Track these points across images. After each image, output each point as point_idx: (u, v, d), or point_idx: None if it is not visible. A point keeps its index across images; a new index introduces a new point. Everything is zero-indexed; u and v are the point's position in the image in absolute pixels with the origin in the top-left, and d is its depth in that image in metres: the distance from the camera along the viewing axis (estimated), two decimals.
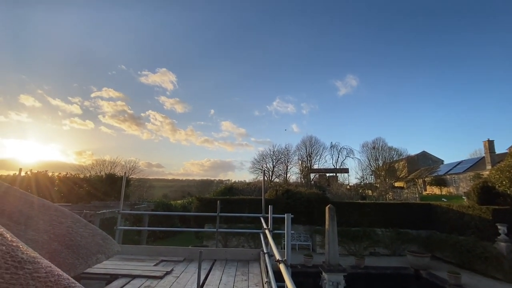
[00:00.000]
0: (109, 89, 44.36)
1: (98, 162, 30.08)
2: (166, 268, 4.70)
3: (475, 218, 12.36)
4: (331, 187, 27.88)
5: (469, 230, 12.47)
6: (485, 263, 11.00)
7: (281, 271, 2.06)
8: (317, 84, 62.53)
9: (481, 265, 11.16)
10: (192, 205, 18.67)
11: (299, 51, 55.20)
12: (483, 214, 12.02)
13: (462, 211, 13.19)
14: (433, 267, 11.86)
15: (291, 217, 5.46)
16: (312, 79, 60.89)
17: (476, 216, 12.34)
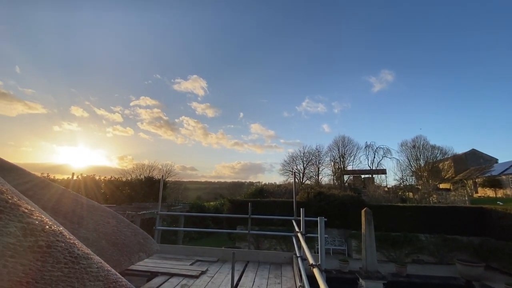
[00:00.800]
0: (146, 98, 47.71)
1: (138, 166, 32.28)
2: (201, 268, 4.86)
3: None
4: (367, 189, 26.52)
5: None
6: None
7: (315, 275, 2.01)
8: (349, 82, 60.02)
9: None
10: (224, 207, 19.10)
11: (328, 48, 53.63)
12: None
13: None
14: (488, 278, 10.62)
15: (324, 220, 5.29)
16: (343, 76, 58.66)
17: None
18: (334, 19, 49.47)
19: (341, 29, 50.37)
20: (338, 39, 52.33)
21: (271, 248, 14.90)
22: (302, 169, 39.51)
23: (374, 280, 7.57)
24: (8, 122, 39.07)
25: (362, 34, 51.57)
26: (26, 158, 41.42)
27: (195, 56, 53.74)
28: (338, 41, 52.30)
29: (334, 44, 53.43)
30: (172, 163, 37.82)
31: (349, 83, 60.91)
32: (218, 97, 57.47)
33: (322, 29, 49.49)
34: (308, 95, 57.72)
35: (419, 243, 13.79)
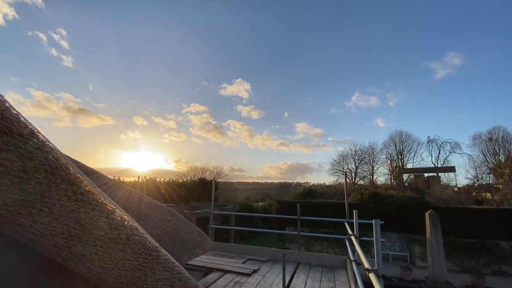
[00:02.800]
0: (196, 104, 51.15)
1: (192, 168, 34.74)
2: (253, 267, 5.00)
3: None
4: (432, 189, 23.69)
5: None
6: None
7: (372, 281, 1.90)
8: (406, 70, 54.19)
9: None
10: (272, 207, 19.22)
11: (380, 35, 49.55)
12: None
13: None
14: None
15: (380, 223, 4.96)
16: (398, 64, 53.30)
17: None
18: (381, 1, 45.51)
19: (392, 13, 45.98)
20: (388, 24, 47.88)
21: (322, 251, 14.43)
22: (354, 168, 37.29)
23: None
24: (86, 133, 46.30)
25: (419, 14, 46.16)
26: (101, 163, 48.45)
27: (238, 59, 55.56)
28: (389, 26, 47.89)
29: (384, 30, 49.11)
30: (222, 165, 39.71)
31: (406, 72, 54.97)
32: (262, 98, 58.33)
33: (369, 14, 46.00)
34: (358, 88, 54.17)
35: (501, 252, 11.73)
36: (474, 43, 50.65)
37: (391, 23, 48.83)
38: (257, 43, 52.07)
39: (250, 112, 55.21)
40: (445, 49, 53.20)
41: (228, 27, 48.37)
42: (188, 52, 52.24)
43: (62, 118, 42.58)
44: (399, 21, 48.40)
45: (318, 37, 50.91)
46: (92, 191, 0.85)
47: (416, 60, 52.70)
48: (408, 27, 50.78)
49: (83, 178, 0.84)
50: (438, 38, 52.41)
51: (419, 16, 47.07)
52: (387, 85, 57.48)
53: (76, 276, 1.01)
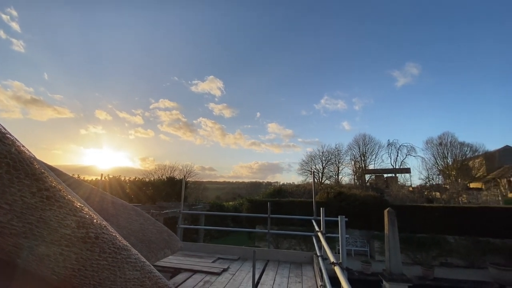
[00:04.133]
0: (165, 100, 49.18)
1: (160, 167, 33.40)
2: (222, 266, 4.99)
3: None
4: (390, 189, 25.61)
5: None
6: None
7: (337, 274, 2.02)
8: (371, 76, 57.96)
9: None
10: (243, 207, 19.29)
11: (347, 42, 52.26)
12: None
13: None
14: None
15: (345, 220, 5.26)
16: (364, 71, 56.77)
17: None
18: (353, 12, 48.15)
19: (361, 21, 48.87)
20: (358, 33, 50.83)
21: (290, 248, 14.85)
22: (321, 168, 38.90)
23: (398, 282, 7.32)
24: (40, 126, 42.07)
25: (385, 25, 49.73)
26: (57, 160, 44.36)
27: (211, 56, 54.66)
28: (358, 34, 50.82)
29: (353, 37, 51.99)
30: (192, 164, 38.73)
31: (371, 78, 58.76)
32: (234, 97, 58.03)
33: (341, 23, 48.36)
34: (327, 92, 56.57)
35: (447, 246, 13.12)
36: (430, 55, 55.85)
37: (359, 30, 51.83)
38: (231, 41, 51.69)
39: (222, 111, 54.61)
40: (405, 59, 57.84)
41: (201, 23, 47.37)
42: (158, 44, 49.99)
43: (10, 109, 38.16)
44: (367, 29, 51.58)
45: (291, 39, 52.15)
46: (58, 188, 0.80)
47: (380, 68, 56.58)
48: (374, 36, 54.33)
49: (48, 173, 0.79)
50: (399, 49, 56.83)
51: (384, 26, 50.64)
52: (353, 90, 60.90)
53: (36, 278, 0.94)
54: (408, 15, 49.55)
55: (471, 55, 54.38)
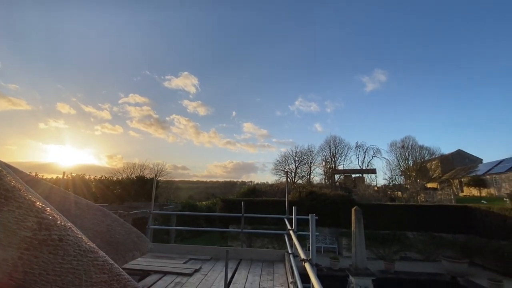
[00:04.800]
0: (135, 95, 46.91)
1: (129, 165, 31.85)
2: (194, 266, 4.91)
3: None
4: (358, 188, 27.00)
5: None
6: None
7: (307, 270, 2.11)
8: (342, 81, 60.74)
9: None
10: (217, 206, 19.11)
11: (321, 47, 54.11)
12: None
13: (505, 214, 12.15)
14: (472, 274, 11.04)
15: (315, 218, 5.44)
16: (336, 75, 59.31)
17: None
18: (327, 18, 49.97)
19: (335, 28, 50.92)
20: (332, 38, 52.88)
21: (263, 247, 15.02)
22: (294, 168, 39.87)
23: (363, 276, 7.77)
24: None
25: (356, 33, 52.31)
26: (11, 156, 40.29)
27: (186, 52, 53.27)
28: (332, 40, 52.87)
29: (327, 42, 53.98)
30: (164, 162, 37.53)
31: (342, 82, 61.62)
32: (210, 95, 57.18)
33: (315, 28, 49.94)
34: (301, 94, 58.11)
35: (407, 241, 14.17)
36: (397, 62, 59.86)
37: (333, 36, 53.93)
38: (208, 38, 50.80)
39: (197, 108, 53.49)
40: (374, 65, 61.43)
41: (176, 16, 45.92)
42: (128, 35, 47.45)
43: None
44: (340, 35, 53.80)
45: (268, 41, 52.67)
46: (17, 187, 0.75)
47: (351, 73, 59.42)
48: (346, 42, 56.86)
49: (7, 172, 0.73)
50: (369, 55, 60.16)
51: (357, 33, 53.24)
52: (326, 93, 63.25)
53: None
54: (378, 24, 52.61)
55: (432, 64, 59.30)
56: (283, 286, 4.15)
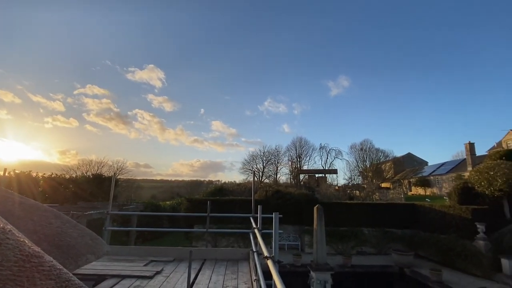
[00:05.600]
0: (93, 86, 43.29)
1: (84, 162, 29.35)
2: (156, 268, 4.72)
3: (455, 218, 12.91)
4: (320, 187, 28.30)
5: (450, 229, 12.99)
6: (465, 260, 11.50)
7: (269, 266, 2.16)
8: (309, 84, 63.38)
9: (461, 262, 11.65)
10: (182, 206, 18.56)
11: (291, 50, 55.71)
12: (463, 213, 12.57)
13: (444, 210, 13.74)
14: (416, 265, 12.29)
15: (279, 216, 5.58)
16: (304, 78, 61.64)
17: (456, 215, 12.89)
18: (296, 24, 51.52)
19: (304, 34, 52.70)
20: (301, 43, 54.63)
21: (229, 246, 14.97)
22: (261, 168, 40.43)
23: (323, 271, 8.18)
24: None
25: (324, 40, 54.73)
26: None
27: (153, 44, 50.81)
28: (301, 45, 54.65)
29: (297, 47, 55.64)
30: (124, 160, 35.30)
31: (309, 86, 64.14)
32: (177, 90, 55.20)
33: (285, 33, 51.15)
34: (271, 95, 59.14)
35: (363, 237, 15.26)
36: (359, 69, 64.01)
37: (301, 40, 55.76)
38: (178, 31, 48.96)
39: (163, 104, 51.24)
40: (339, 71, 65.00)
41: (144, 7, 43.45)
42: (87, 19, 43.60)
43: None
44: (308, 40, 55.82)
45: (240, 39, 52.58)
46: None
47: (317, 77, 62.09)
48: (314, 47, 59.21)
49: None
50: (335, 61, 63.44)
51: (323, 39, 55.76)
52: (294, 95, 65.27)
53: None
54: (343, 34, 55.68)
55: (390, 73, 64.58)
56: (247, 284, 4.20)
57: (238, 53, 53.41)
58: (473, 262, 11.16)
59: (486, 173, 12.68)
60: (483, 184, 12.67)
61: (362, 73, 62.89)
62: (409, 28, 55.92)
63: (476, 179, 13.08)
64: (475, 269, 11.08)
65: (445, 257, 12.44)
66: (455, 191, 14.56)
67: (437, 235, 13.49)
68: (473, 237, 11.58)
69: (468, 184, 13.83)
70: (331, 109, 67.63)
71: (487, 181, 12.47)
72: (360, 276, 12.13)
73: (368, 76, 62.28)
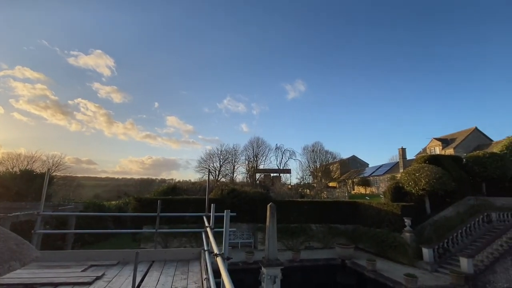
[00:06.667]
0: (25, 68, 37.46)
1: (10, 156, 25.20)
2: (96, 273, 4.35)
3: (388, 213, 14.69)
4: (275, 186, 29.27)
5: (384, 223, 14.74)
6: (394, 250, 13.17)
7: (218, 264, 2.21)
8: (269, 86, 65.04)
9: (392, 252, 13.32)
10: (129, 206, 17.32)
11: (252, 50, 56.28)
12: (394, 209, 14.37)
13: (379, 207, 15.51)
14: (356, 257, 13.63)
15: (233, 215, 5.65)
16: (264, 80, 62.97)
17: (389, 211, 14.67)
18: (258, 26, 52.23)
19: (265, 37, 53.68)
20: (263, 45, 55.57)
21: (181, 247, 14.50)
22: (218, 166, 39.98)
23: (273, 267, 8.50)
24: None
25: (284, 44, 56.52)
26: None
27: (101, 26, 46.12)
28: (262, 46, 55.58)
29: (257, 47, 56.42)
30: (62, 155, 31.35)
31: (269, 87, 65.76)
32: (128, 81, 51.23)
33: (245, 32, 51.42)
34: (230, 93, 58.82)
35: (311, 232, 16.31)
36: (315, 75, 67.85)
37: (263, 41, 56.80)
38: (132, 16, 45.29)
39: (111, 94, 47.01)
40: (296, 75, 67.96)
41: None
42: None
43: None
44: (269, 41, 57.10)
45: (197, 33, 51.09)
46: None
47: (276, 79, 63.94)
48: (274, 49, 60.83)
49: None
50: (293, 65, 66.15)
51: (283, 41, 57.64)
52: (253, 96, 66.15)
53: None
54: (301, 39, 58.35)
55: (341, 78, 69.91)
56: (197, 283, 4.16)
57: (197, 48, 51.96)
58: (401, 252, 12.86)
59: (413, 174, 14.71)
60: (410, 184, 14.65)
61: (317, 79, 67.11)
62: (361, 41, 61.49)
63: (405, 180, 15.07)
64: (402, 257, 12.79)
65: (379, 249, 14.07)
66: (389, 190, 16.55)
67: (374, 229, 15.18)
68: (402, 230, 13.33)
69: (399, 184, 15.85)
70: (287, 111, 70.61)
71: (413, 182, 14.46)
72: (307, 270, 12.95)
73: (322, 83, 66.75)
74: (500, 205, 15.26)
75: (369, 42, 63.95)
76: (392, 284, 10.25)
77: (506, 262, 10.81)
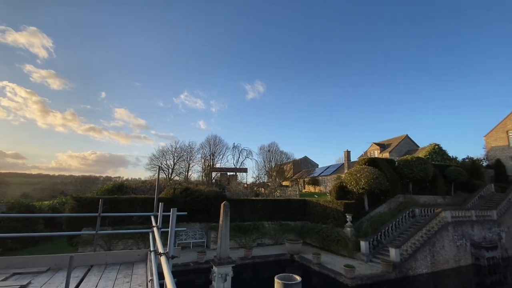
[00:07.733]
0: None
1: None
2: (20, 282, 3.83)
3: (333, 210, 15.97)
4: (230, 185, 29.29)
5: (330, 219, 15.99)
6: (337, 244, 14.38)
7: (162, 263, 2.18)
8: (229, 84, 64.57)
9: (335, 246, 14.53)
10: (66, 207, 15.50)
11: (210, 47, 55.12)
12: (338, 206, 15.69)
13: (326, 204, 16.76)
14: (304, 251, 14.51)
15: (185, 214, 5.56)
16: (224, 77, 62.32)
17: (334, 208, 15.97)
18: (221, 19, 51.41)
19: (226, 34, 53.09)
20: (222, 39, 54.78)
21: (126, 249, 13.54)
22: (172, 164, 38.24)
23: (225, 265, 8.55)
24: None
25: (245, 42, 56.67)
26: None
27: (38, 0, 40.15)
28: (222, 41, 54.81)
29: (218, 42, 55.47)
30: None
31: (228, 85, 65.31)
32: (70, 65, 45.65)
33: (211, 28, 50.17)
34: (187, 88, 56.63)
35: (263, 229, 16.80)
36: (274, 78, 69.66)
37: (224, 37, 56.16)
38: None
39: (48, 79, 41.32)
40: (256, 76, 68.91)
41: None
42: None
43: None
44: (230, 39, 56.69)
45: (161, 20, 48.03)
46: None
47: (236, 78, 63.93)
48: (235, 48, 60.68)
49: None
50: (253, 65, 66.83)
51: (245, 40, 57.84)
52: (212, 92, 64.97)
53: None
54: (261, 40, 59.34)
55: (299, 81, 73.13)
56: (141, 286, 3.98)
57: (152, 37, 48.79)
58: (343, 245, 14.11)
59: (354, 175, 16.26)
60: (352, 184, 16.17)
61: (275, 81, 69.21)
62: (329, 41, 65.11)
63: (348, 180, 16.57)
64: (344, 250, 14.04)
65: (325, 243, 15.22)
66: (334, 189, 18.00)
67: (320, 225, 16.35)
68: (344, 225, 14.63)
69: (343, 183, 17.34)
70: (246, 110, 71.27)
71: (355, 181, 15.99)
72: (259, 266, 13.31)
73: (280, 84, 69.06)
74: (422, 202, 17.89)
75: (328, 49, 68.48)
76: (333, 275, 11.21)
77: (425, 251, 12.72)
